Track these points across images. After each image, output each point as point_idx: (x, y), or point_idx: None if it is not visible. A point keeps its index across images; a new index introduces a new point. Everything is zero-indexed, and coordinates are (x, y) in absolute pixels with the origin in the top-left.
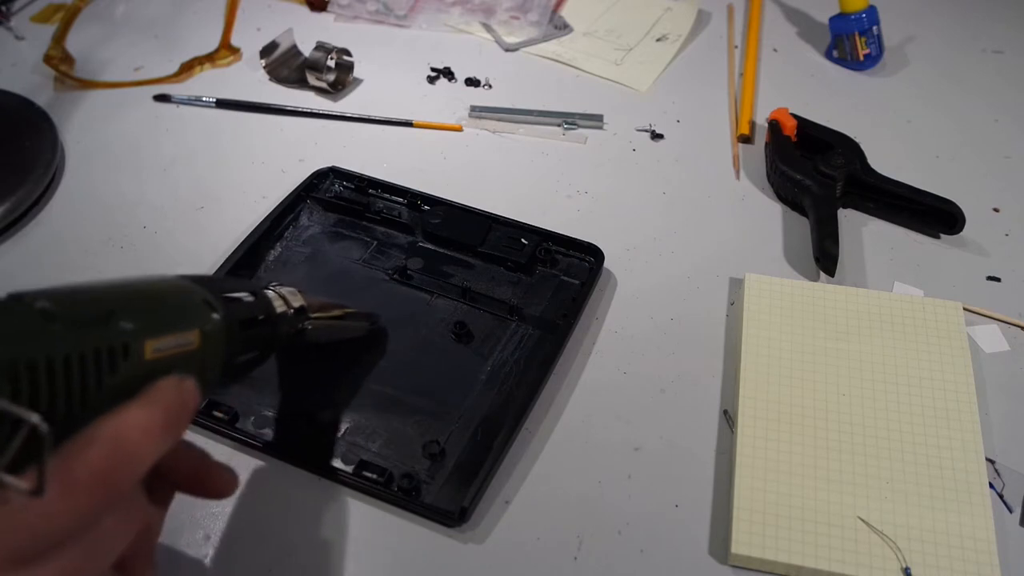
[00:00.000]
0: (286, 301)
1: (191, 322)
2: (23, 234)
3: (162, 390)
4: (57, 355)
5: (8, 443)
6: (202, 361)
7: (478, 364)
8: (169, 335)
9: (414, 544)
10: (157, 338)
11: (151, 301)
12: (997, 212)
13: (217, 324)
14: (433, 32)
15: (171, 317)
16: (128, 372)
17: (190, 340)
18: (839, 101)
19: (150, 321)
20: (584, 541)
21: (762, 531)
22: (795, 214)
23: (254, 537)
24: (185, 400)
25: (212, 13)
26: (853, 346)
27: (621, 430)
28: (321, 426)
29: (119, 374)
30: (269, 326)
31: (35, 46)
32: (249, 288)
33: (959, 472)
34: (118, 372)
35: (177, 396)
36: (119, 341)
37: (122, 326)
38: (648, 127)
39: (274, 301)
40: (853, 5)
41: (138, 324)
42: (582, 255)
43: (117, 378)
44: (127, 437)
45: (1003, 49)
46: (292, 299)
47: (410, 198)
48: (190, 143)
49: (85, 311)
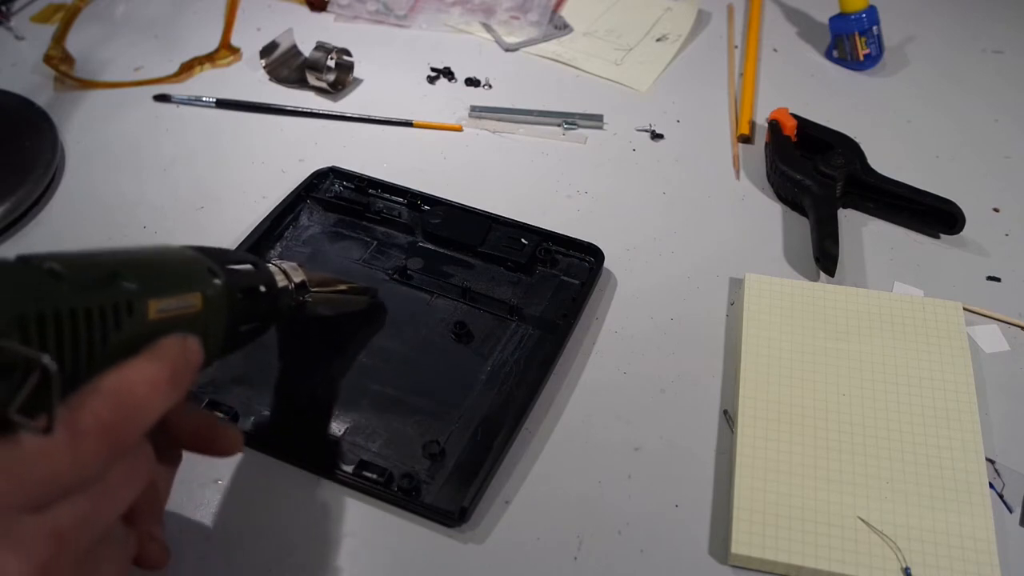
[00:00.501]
0: (287, 275)
1: (194, 285)
2: (23, 234)
3: (167, 346)
4: (64, 309)
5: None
6: (205, 324)
7: (478, 364)
8: (172, 296)
9: (414, 544)
10: (160, 299)
11: (154, 265)
12: (997, 212)
13: (219, 289)
14: (433, 32)
15: (174, 280)
16: (132, 330)
17: (192, 303)
18: (839, 101)
19: (153, 283)
20: (584, 541)
21: (762, 531)
22: (795, 214)
23: (254, 537)
24: (189, 357)
25: (212, 13)
26: (853, 346)
27: (621, 430)
28: (321, 426)
29: (124, 331)
30: (271, 298)
31: (35, 46)
32: (251, 260)
33: (959, 472)
34: (123, 329)
35: (181, 353)
36: (123, 299)
37: (126, 286)
38: (648, 127)
39: (276, 275)
40: (853, 5)
41: (141, 285)
42: (582, 255)
43: (122, 335)
44: (133, 390)
45: (1003, 49)
46: (293, 274)
47: (410, 198)
48: (190, 143)
49: (90, 272)
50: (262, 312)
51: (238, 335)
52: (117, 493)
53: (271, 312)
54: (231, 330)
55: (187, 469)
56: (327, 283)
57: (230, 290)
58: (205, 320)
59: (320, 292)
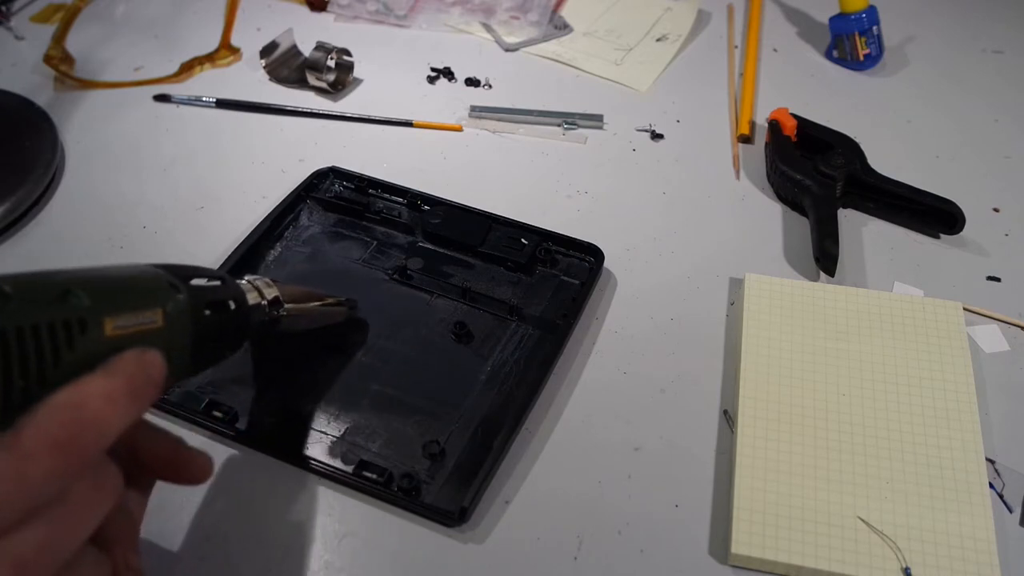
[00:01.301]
0: (260, 291)
1: (154, 301)
2: (23, 234)
3: (123, 360)
4: (10, 328)
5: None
6: (168, 340)
7: (478, 364)
8: (130, 313)
9: (414, 544)
10: (117, 315)
11: (111, 282)
12: (997, 212)
13: (181, 304)
14: (433, 32)
15: (132, 296)
16: (87, 347)
17: (153, 319)
18: (839, 101)
19: (109, 299)
20: (584, 541)
21: (762, 531)
22: (795, 214)
23: (253, 537)
24: (149, 371)
25: (212, 13)
26: (853, 346)
27: (621, 430)
28: (321, 426)
29: (77, 349)
30: (241, 314)
31: (35, 46)
32: (220, 276)
33: (959, 472)
34: (76, 347)
35: (139, 366)
36: (75, 316)
37: (78, 303)
38: (648, 127)
39: (248, 291)
40: (853, 5)
41: (96, 301)
42: (582, 255)
43: (76, 353)
44: (86, 404)
45: (1003, 49)
46: (266, 290)
47: (410, 198)
48: (190, 143)
49: (40, 290)
50: (233, 328)
51: (208, 351)
52: (81, 515)
53: (242, 328)
54: (199, 346)
55: None
56: (303, 298)
57: (195, 306)
58: (168, 336)
59: (295, 307)
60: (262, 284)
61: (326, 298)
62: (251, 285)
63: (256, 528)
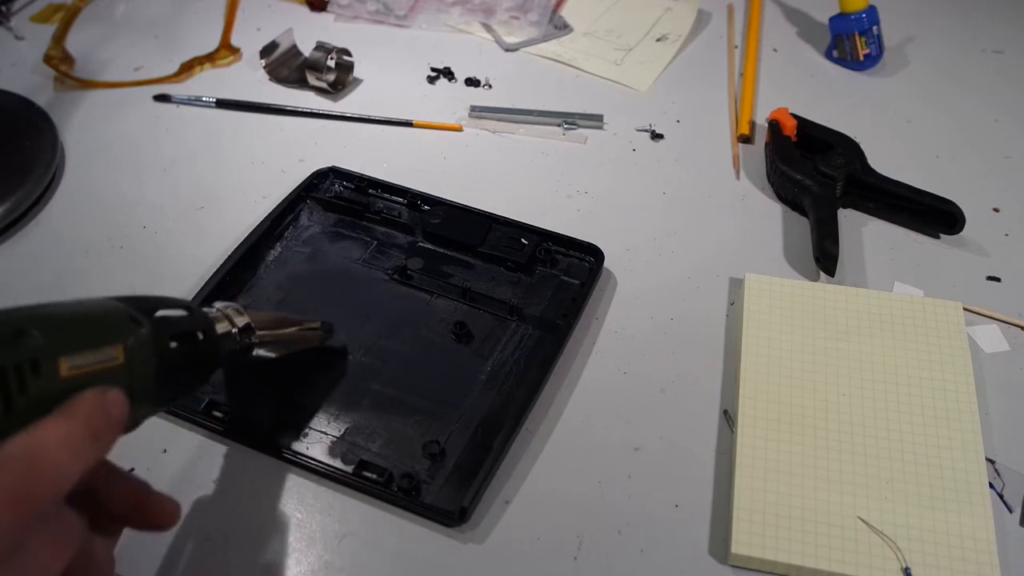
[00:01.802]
0: (230, 319)
1: (113, 337)
2: (23, 234)
3: (81, 402)
4: None
5: None
6: (129, 376)
7: (478, 364)
8: (87, 351)
9: (414, 544)
10: (73, 354)
11: (66, 319)
12: (997, 212)
13: (143, 339)
14: (433, 32)
15: (89, 333)
16: (41, 390)
17: (112, 355)
18: (839, 101)
19: (64, 337)
20: (584, 541)
21: (762, 531)
22: (795, 214)
23: (253, 537)
24: (109, 411)
25: (212, 13)
26: (853, 346)
27: (621, 430)
28: (321, 425)
29: (31, 392)
30: (210, 343)
31: (35, 46)
32: (185, 305)
33: (959, 472)
34: (28, 391)
35: (98, 407)
36: (27, 358)
37: (30, 343)
38: (648, 127)
39: (217, 321)
40: (853, 5)
41: (49, 341)
42: (582, 255)
43: (30, 396)
44: (42, 451)
45: (1003, 49)
46: (237, 317)
47: (410, 198)
48: (190, 143)
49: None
50: (201, 359)
51: (174, 385)
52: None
53: (212, 359)
54: (164, 380)
55: (187, 469)
56: (276, 324)
57: (159, 339)
58: (130, 373)
59: (268, 334)
60: (232, 311)
61: (302, 323)
62: (221, 313)
63: (256, 528)
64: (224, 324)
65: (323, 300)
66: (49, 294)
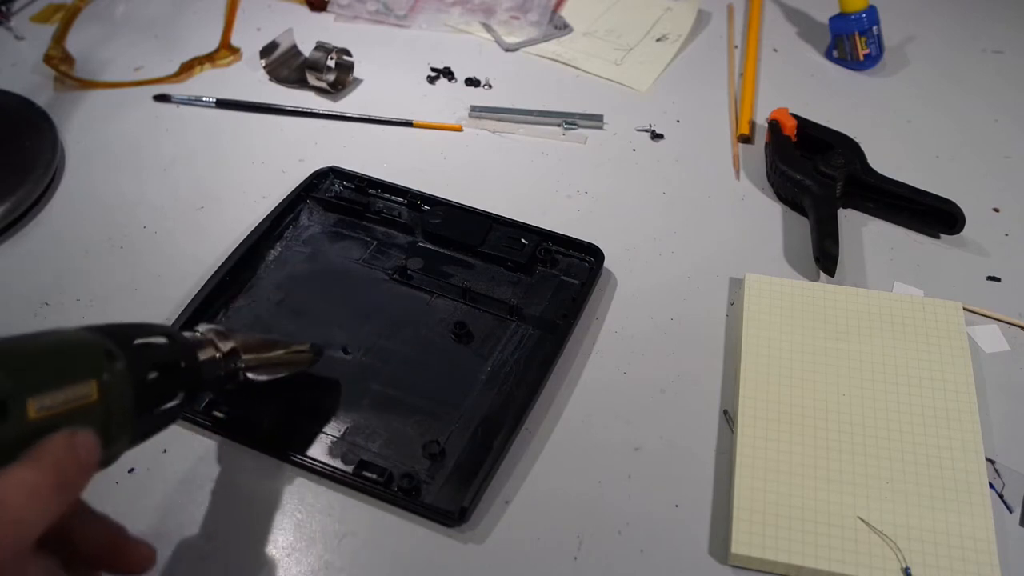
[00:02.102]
0: (215, 344)
1: (85, 374)
2: (23, 234)
3: (49, 447)
4: None
5: None
6: (105, 414)
7: (478, 364)
8: (57, 390)
9: (414, 544)
10: (41, 394)
11: (35, 356)
12: (997, 212)
13: (119, 374)
14: (433, 32)
15: (60, 370)
16: (7, 434)
17: (85, 393)
18: (839, 101)
19: (32, 377)
20: (584, 541)
21: (762, 531)
22: (795, 214)
23: (254, 537)
24: (79, 454)
25: (212, 13)
26: (853, 346)
27: (621, 430)
28: (321, 426)
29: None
30: (192, 371)
31: (35, 46)
32: (165, 332)
33: (959, 472)
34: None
35: (68, 452)
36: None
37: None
38: (648, 127)
39: (199, 346)
40: (853, 5)
41: (15, 381)
42: (582, 255)
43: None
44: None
45: (1003, 49)
46: (221, 342)
47: (410, 198)
48: (190, 143)
49: None
50: (183, 387)
51: (155, 416)
52: None
53: (194, 387)
54: (143, 414)
55: (187, 468)
56: (263, 347)
57: (136, 371)
58: (105, 410)
59: (254, 357)
60: (215, 335)
61: (289, 345)
62: (204, 337)
63: (256, 528)
64: (208, 349)
65: (323, 300)
66: (49, 294)
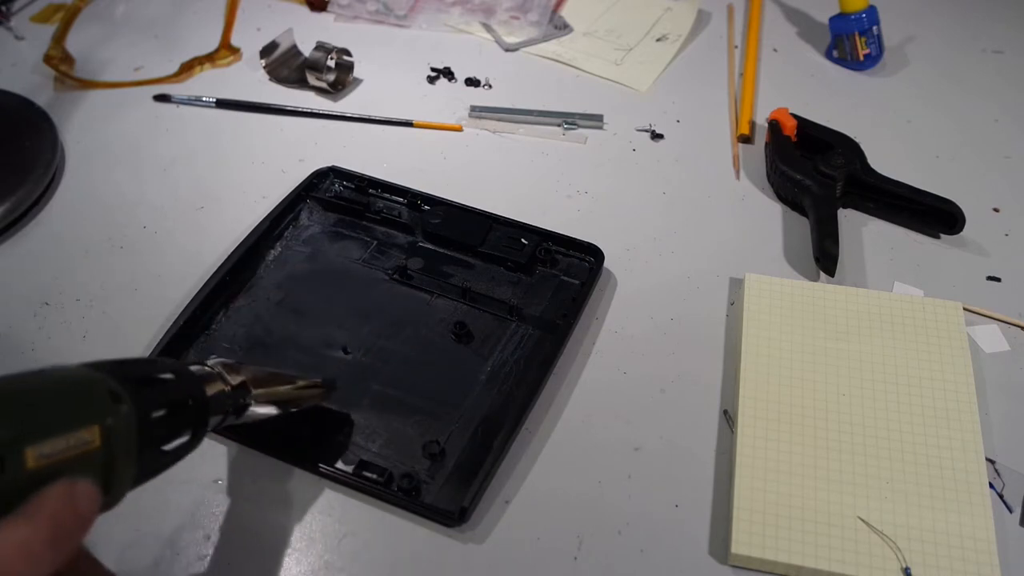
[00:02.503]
0: (223, 377)
1: (88, 418)
2: (23, 234)
3: (47, 499)
4: None
5: None
6: (108, 460)
7: (478, 364)
8: (57, 437)
9: (414, 544)
10: (41, 442)
11: (35, 400)
12: (997, 212)
13: (123, 417)
14: (433, 32)
15: (61, 416)
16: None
17: (87, 439)
18: (839, 101)
19: (31, 424)
20: (584, 541)
21: (762, 531)
22: (795, 214)
23: (254, 537)
24: (77, 507)
25: (212, 13)
26: (853, 346)
27: (621, 430)
28: (321, 426)
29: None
30: (199, 411)
31: (35, 46)
32: (172, 368)
33: (959, 472)
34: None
35: (65, 504)
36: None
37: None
38: (648, 127)
39: (208, 380)
40: (853, 5)
41: (13, 430)
42: (582, 255)
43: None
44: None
45: (1003, 49)
46: (230, 375)
47: (410, 198)
48: (190, 143)
49: None
50: (191, 425)
51: (161, 457)
52: None
53: (202, 423)
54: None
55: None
56: (273, 381)
57: (142, 413)
58: (107, 457)
59: (264, 392)
60: (224, 368)
61: (300, 380)
62: (212, 371)
63: (256, 528)
64: (216, 383)
65: (323, 300)
66: (49, 294)
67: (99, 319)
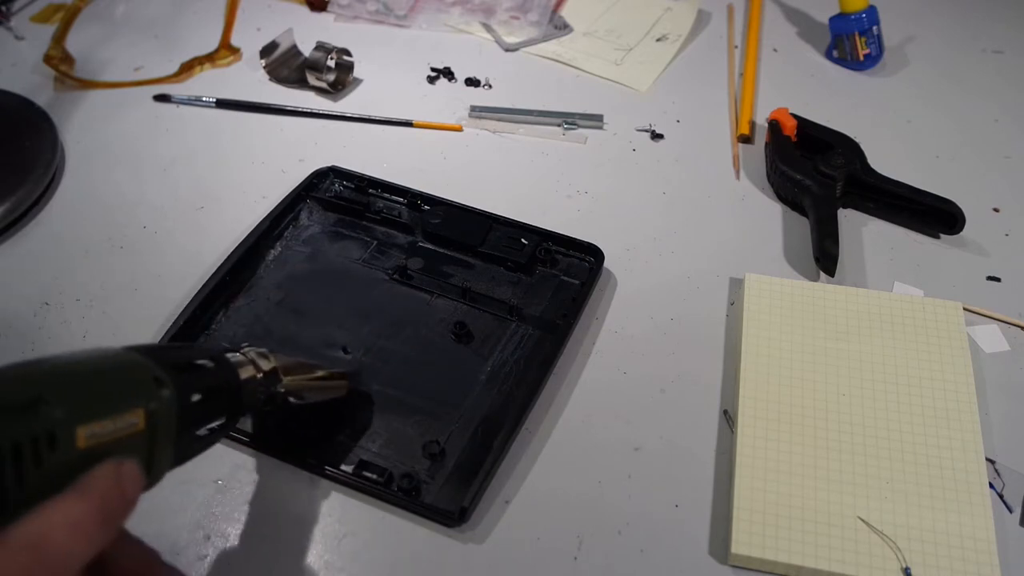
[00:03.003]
0: (255, 364)
1: (134, 402)
2: (23, 234)
3: (96, 479)
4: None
5: None
6: (150, 443)
7: (478, 364)
8: (106, 419)
9: (414, 544)
10: (91, 423)
11: (86, 381)
12: (997, 212)
13: (166, 401)
14: (433, 32)
15: (109, 398)
16: (56, 464)
17: (133, 422)
18: (839, 101)
19: (83, 405)
20: (584, 541)
21: (762, 531)
22: (795, 214)
23: (254, 537)
24: (124, 487)
25: (212, 13)
26: (853, 346)
27: (621, 430)
28: (321, 427)
29: (44, 467)
30: (234, 395)
31: (35, 46)
32: (210, 355)
33: (959, 472)
34: (43, 465)
35: (114, 484)
36: (44, 430)
37: (48, 413)
38: (648, 127)
39: (241, 366)
40: (853, 5)
41: (68, 409)
42: (582, 255)
43: (42, 472)
44: (50, 538)
45: (1003, 49)
46: (262, 362)
47: (410, 198)
48: (190, 143)
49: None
50: (225, 411)
51: (195, 442)
52: None
53: (235, 409)
54: (185, 440)
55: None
56: (301, 369)
57: (182, 398)
58: (149, 440)
59: (293, 380)
60: (257, 355)
61: (328, 369)
62: (245, 357)
63: (256, 528)
64: (248, 369)
65: (323, 300)
66: (49, 294)
67: (99, 319)
